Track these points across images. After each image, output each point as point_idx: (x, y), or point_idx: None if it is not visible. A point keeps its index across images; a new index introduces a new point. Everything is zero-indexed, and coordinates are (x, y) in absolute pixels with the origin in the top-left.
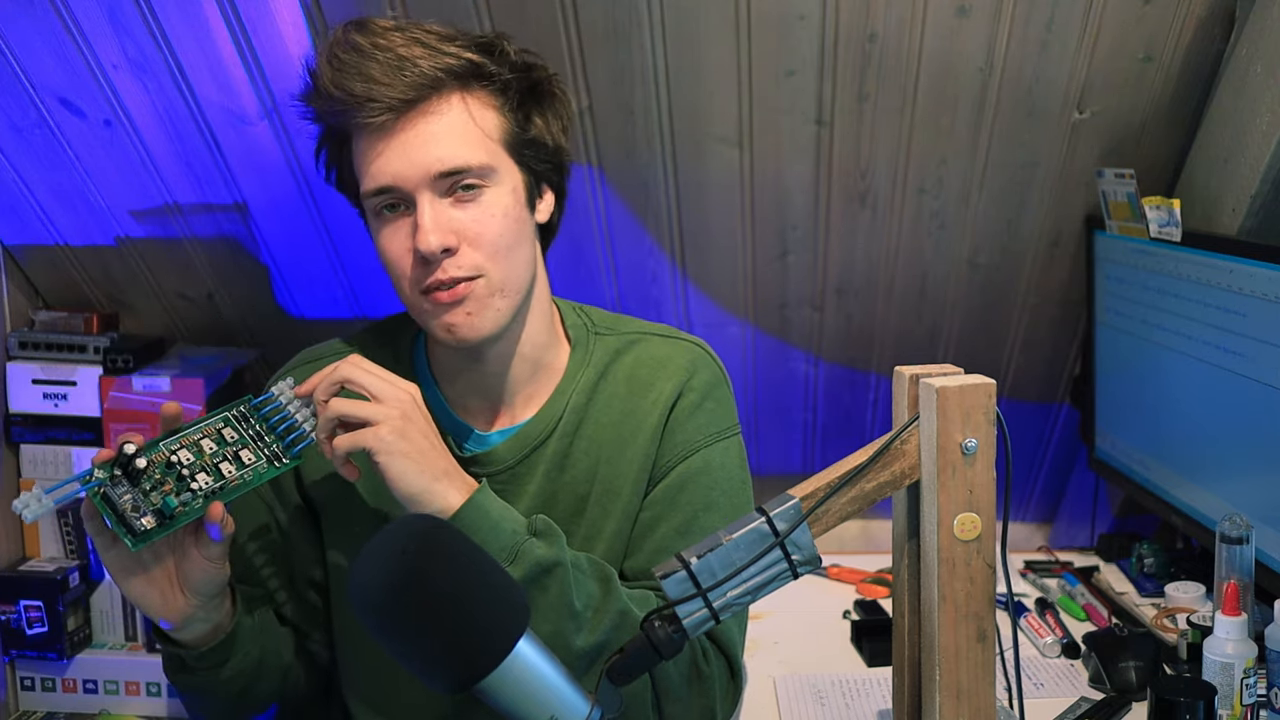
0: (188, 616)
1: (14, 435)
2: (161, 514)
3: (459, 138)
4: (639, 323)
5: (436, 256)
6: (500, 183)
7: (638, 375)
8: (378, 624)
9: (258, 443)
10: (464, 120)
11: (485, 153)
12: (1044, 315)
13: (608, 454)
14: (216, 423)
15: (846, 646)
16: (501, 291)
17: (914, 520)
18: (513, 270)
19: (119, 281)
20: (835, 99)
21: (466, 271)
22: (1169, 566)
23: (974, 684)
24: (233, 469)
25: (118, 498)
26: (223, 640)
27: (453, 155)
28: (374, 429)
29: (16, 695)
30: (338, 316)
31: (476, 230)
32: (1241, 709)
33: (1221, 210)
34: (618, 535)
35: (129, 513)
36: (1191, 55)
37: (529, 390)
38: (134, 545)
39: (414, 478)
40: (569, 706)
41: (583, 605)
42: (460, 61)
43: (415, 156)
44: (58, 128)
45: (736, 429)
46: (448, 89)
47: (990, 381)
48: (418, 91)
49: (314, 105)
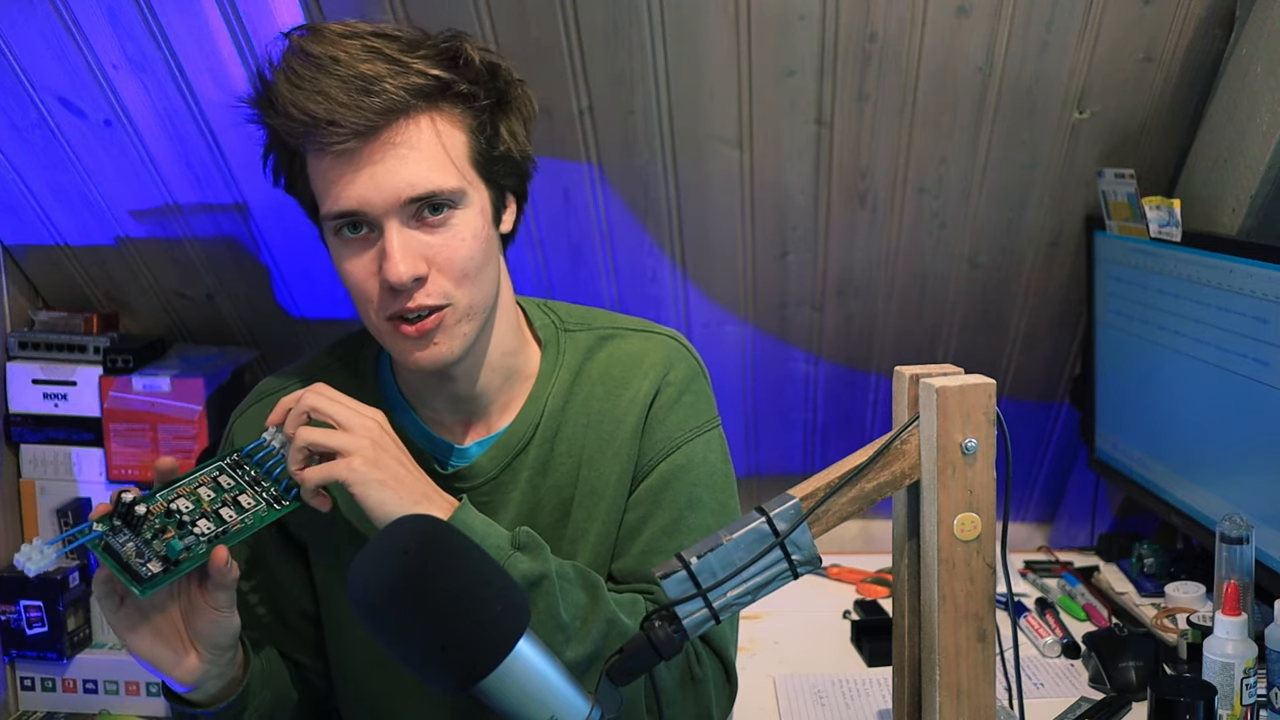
0: (203, 674)
1: (14, 435)
2: (167, 559)
3: (429, 162)
4: (610, 315)
5: (407, 285)
6: (469, 204)
7: (613, 373)
8: (378, 624)
9: (254, 488)
10: (433, 143)
11: (455, 176)
12: (1044, 315)
13: (589, 455)
14: (211, 472)
15: (846, 646)
16: (468, 316)
17: (914, 520)
18: (479, 292)
19: (119, 281)
20: (835, 99)
21: (435, 300)
22: (1169, 566)
23: (974, 684)
24: (233, 514)
25: (119, 546)
26: (237, 695)
27: (424, 180)
28: (346, 460)
29: (16, 695)
30: (337, 316)
31: (446, 256)
32: (1241, 709)
33: (1221, 210)
34: (603, 537)
35: (133, 559)
36: (1191, 55)
37: (503, 399)
38: (142, 592)
39: (393, 505)
40: (569, 706)
41: (570, 616)
42: (427, 80)
43: (383, 183)
44: (58, 128)
45: (716, 421)
46: (415, 111)
47: (990, 381)
48: (384, 117)
49: (267, 119)
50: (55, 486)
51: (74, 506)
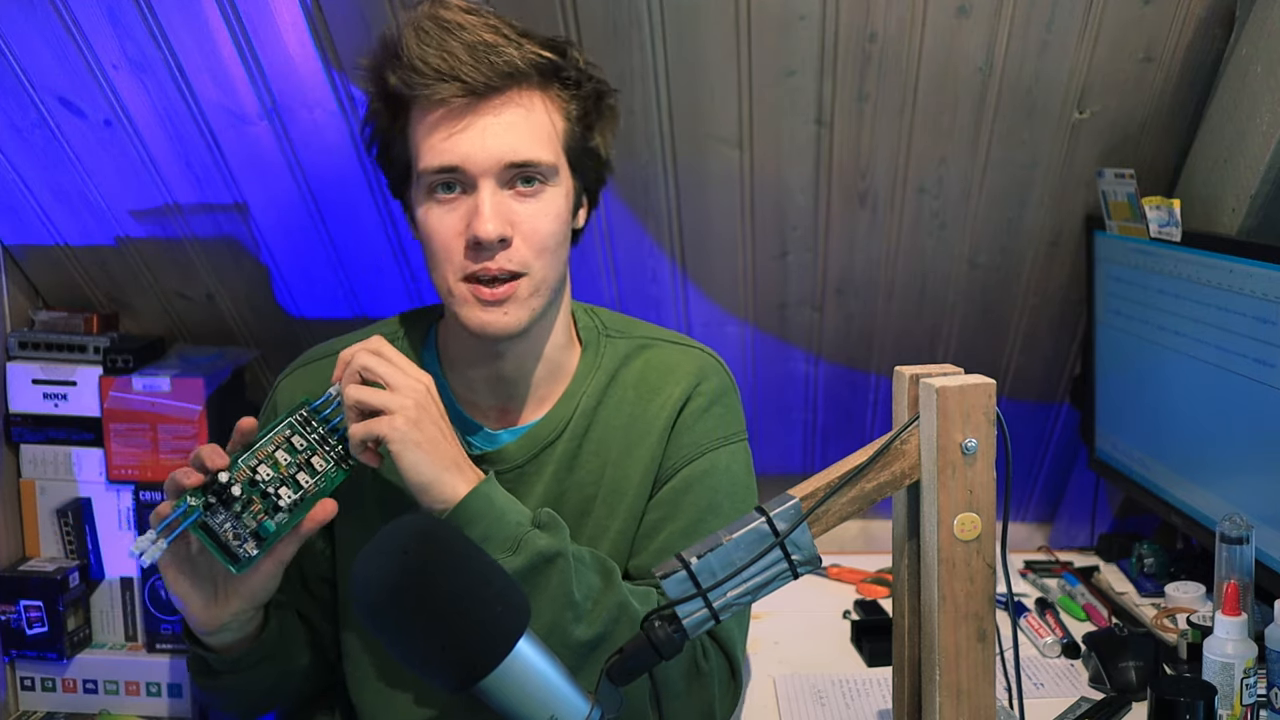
0: (224, 624)
1: (14, 435)
2: (259, 537)
3: (535, 133)
4: (650, 327)
5: (493, 245)
6: (559, 184)
7: (647, 380)
8: (378, 624)
9: (323, 447)
10: (542, 117)
11: (553, 153)
12: (1044, 315)
13: (615, 456)
14: (283, 430)
15: (846, 646)
16: (539, 291)
17: (914, 520)
18: (552, 271)
19: (119, 281)
20: (835, 99)
21: (515, 265)
22: (1169, 566)
23: (974, 684)
24: (308, 478)
25: (217, 526)
26: (251, 648)
27: (528, 149)
28: (388, 418)
29: (16, 695)
30: (338, 316)
31: (532, 225)
32: (1241, 709)
33: (1221, 210)
34: (623, 535)
35: (231, 542)
36: (1191, 55)
37: (540, 392)
38: (238, 570)
39: (425, 468)
40: (569, 706)
41: (582, 596)
42: (543, 59)
43: (490, 143)
44: (58, 128)
45: (743, 435)
46: (530, 83)
47: (990, 381)
48: (502, 80)
49: (387, 75)
50: (55, 486)
51: (74, 507)
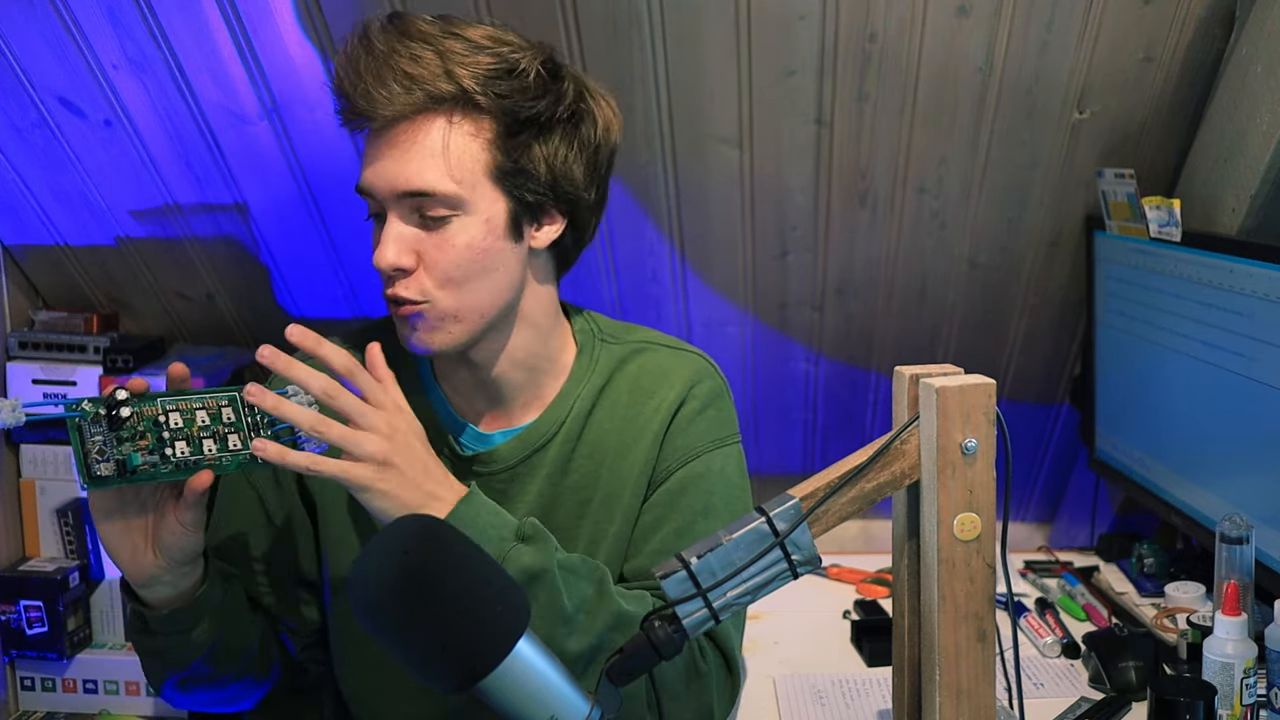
0: (152, 576)
1: (14, 435)
2: (121, 466)
3: (428, 163)
4: (646, 331)
5: (387, 273)
6: (471, 213)
7: (641, 383)
8: (377, 624)
9: (253, 433)
10: (438, 147)
11: (454, 182)
12: (1044, 315)
13: (610, 460)
14: (221, 399)
15: (846, 646)
16: (454, 318)
17: (914, 520)
18: (467, 300)
19: (119, 281)
20: (835, 99)
21: (411, 295)
22: (1169, 566)
23: (974, 684)
24: (214, 448)
25: (89, 435)
26: (185, 607)
27: (417, 179)
28: (349, 466)
29: (16, 695)
30: (338, 316)
31: (433, 257)
32: (1241, 709)
33: (1221, 210)
34: (619, 538)
35: (92, 454)
36: (1191, 55)
37: (530, 394)
38: (87, 486)
39: (395, 511)
40: (569, 706)
41: (574, 608)
42: (450, 86)
43: (383, 171)
44: (58, 128)
45: (737, 438)
46: (432, 112)
47: (990, 381)
48: (398, 109)
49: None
50: (55, 486)
51: (74, 506)
